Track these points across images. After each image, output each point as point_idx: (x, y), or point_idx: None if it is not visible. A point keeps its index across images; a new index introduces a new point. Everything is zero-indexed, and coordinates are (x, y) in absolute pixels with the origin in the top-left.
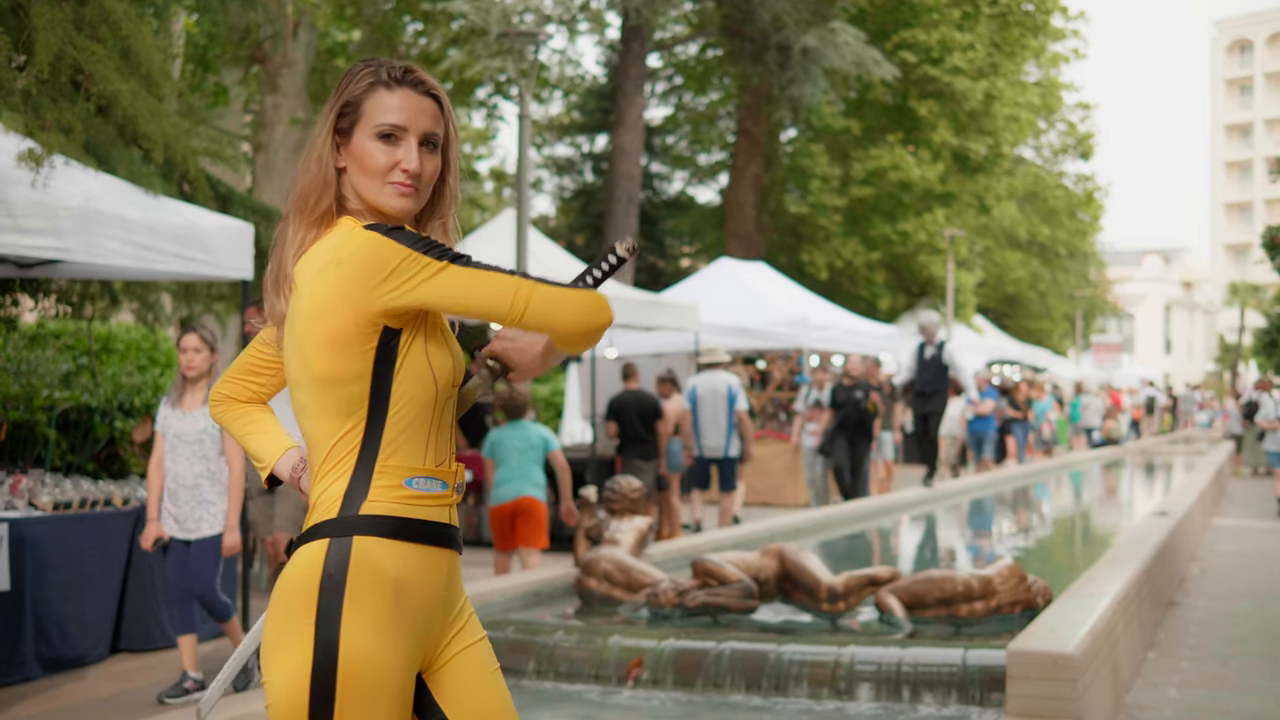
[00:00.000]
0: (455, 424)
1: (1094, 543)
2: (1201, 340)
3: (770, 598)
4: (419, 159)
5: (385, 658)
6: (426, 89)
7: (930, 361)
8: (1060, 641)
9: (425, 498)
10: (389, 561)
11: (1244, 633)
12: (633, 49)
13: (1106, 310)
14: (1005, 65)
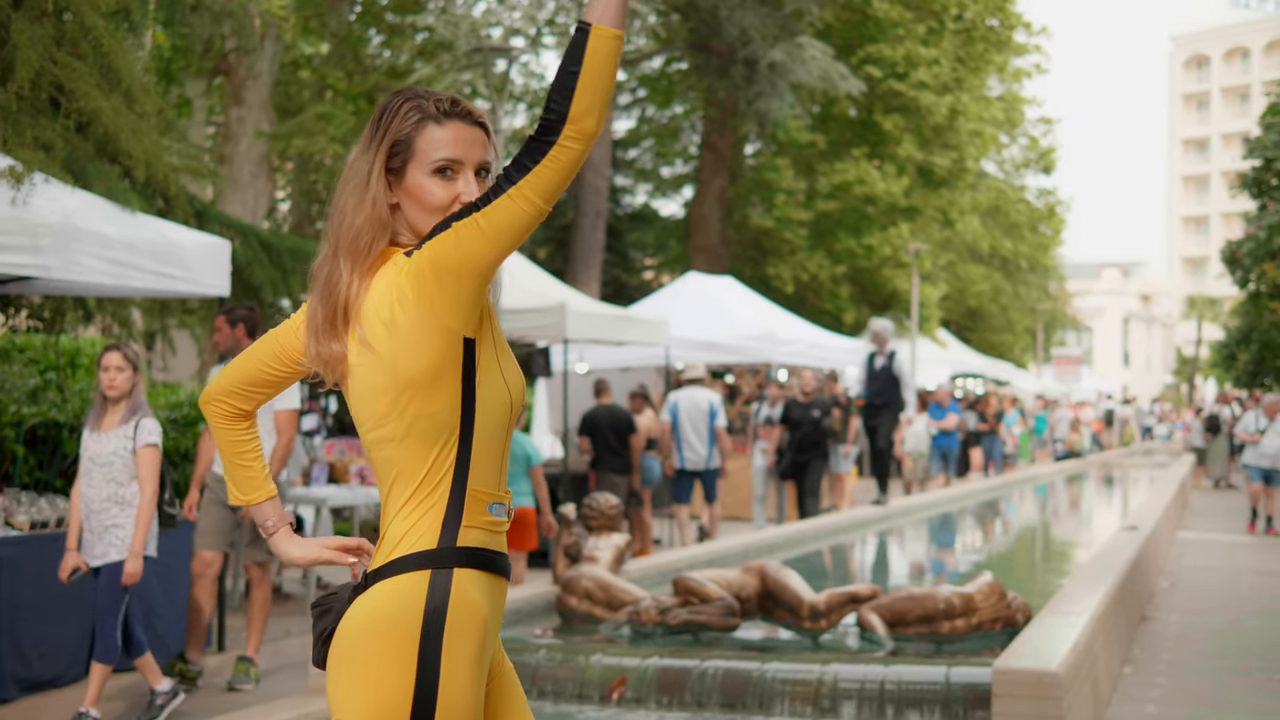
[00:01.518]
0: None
1: (1065, 557)
2: (1159, 353)
3: (751, 615)
4: (477, 190)
5: (477, 698)
6: (475, 119)
7: (880, 372)
8: (1045, 659)
9: (499, 525)
10: (483, 598)
11: (1218, 648)
12: None
13: (1066, 323)
14: (969, 80)
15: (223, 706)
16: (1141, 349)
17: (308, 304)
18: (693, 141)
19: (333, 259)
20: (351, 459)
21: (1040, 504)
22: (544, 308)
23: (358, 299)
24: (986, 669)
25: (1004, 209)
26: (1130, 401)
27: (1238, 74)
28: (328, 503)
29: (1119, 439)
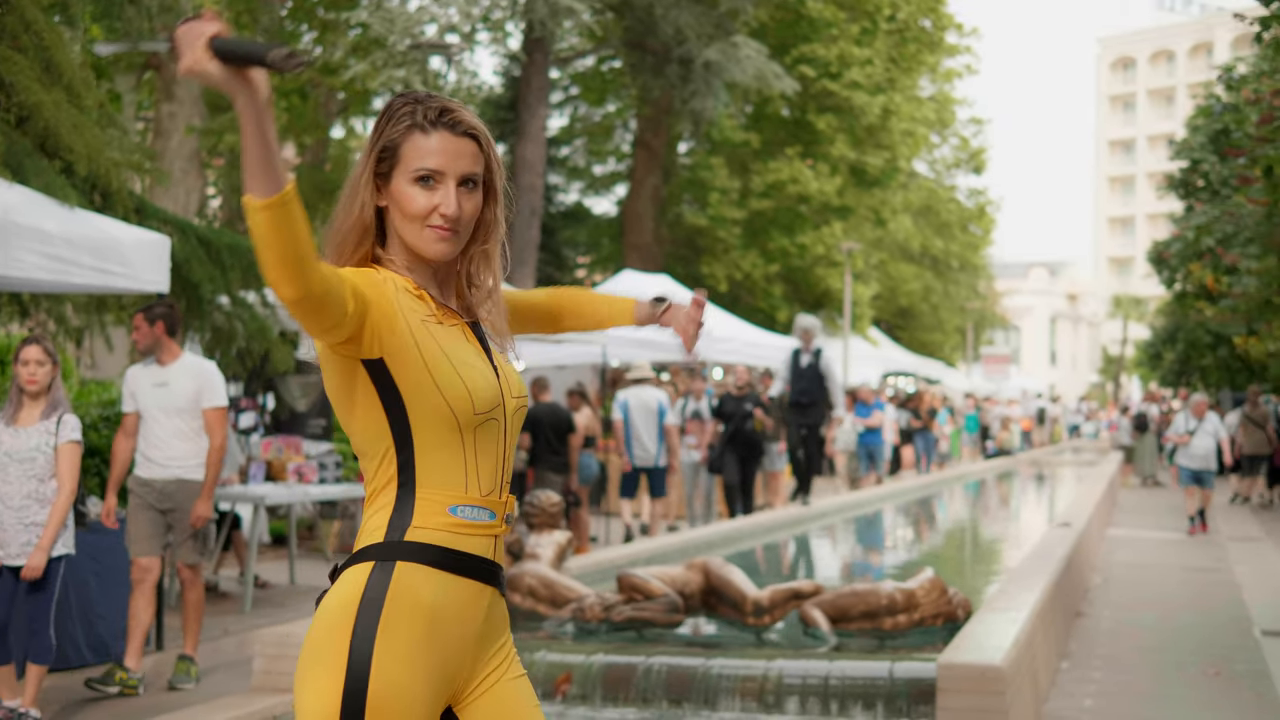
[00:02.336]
0: (507, 453)
1: (1000, 553)
2: (1085, 352)
3: (695, 612)
4: (456, 202)
5: (414, 687)
6: (464, 129)
7: (807, 370)
8: (988, 654)
9: (470, 527)
10: (427, 590)
11: (1152, 643)
12: (535, 60)
13: (995, 322)
14: (902, 80)
15: (165, 706)
16: (1068, 348)
17: None
18: (625, 140)
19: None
20: (289, 457)
21: (974, 501)
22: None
23: None
24: (930, 664)
25: (935, 209)
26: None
27: (1163, 76)
28: (265, 500)
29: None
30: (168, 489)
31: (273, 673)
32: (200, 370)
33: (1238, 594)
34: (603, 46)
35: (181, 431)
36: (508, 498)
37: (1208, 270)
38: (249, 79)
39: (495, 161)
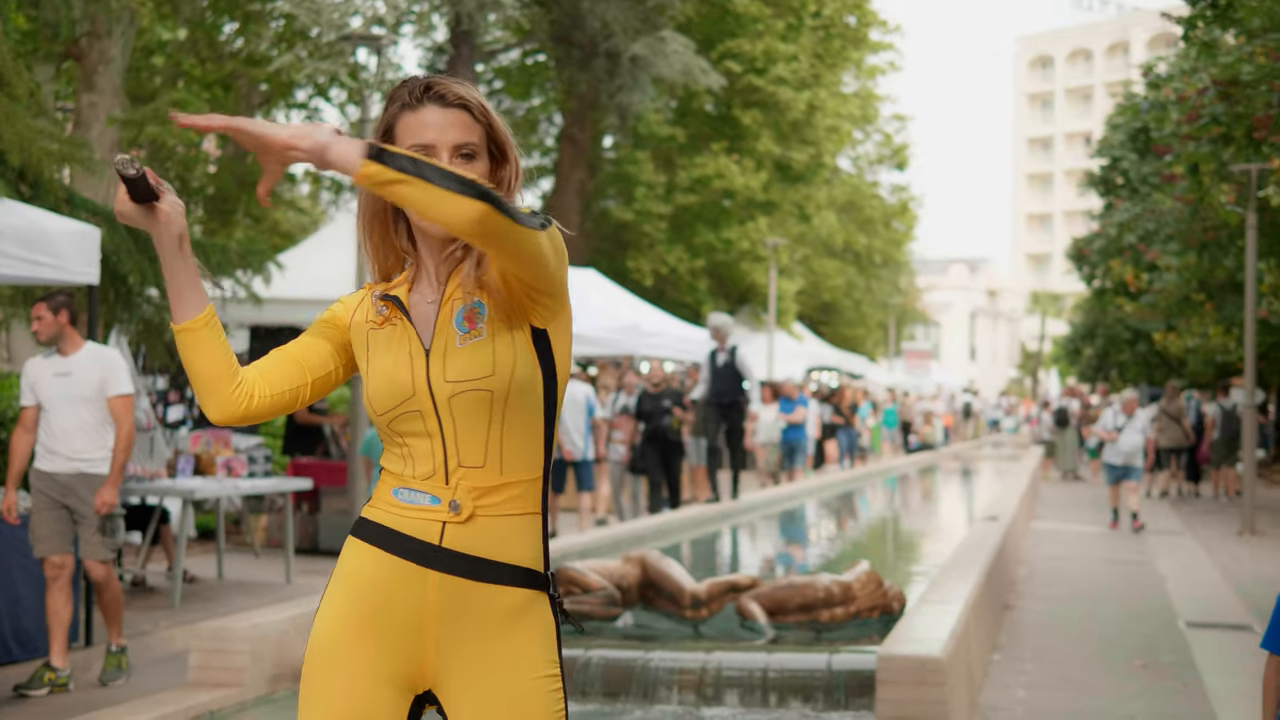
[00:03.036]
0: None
1: (927, 547)
2: (1004, 347)
3: (632, 605)
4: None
5: (340, 633)
6: (451, 100)
7: (724, 369)
8: (927, 646)
9: (408, 509)
10: (356, 560)
11: (1080, 634)
12: (462, 54)
13: (916, 318)
14: (827, 76)
15: (99, 702)
16: (987, 343)
17: None
18: (550, 134)
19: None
20: (218, 450)
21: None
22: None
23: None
24: (868, 656)
25: (858, 204)
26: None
27: (1081, 75)
28: (194, 495)
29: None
30: (70, 483)
31: (209, 667)
32: (104, 358)
33: (1161, 586)
34: (528, 40)
35: (85, 423)
36: (460, 485)
37: (1128, 267)
38: (154, 213)
39: (498, 127)
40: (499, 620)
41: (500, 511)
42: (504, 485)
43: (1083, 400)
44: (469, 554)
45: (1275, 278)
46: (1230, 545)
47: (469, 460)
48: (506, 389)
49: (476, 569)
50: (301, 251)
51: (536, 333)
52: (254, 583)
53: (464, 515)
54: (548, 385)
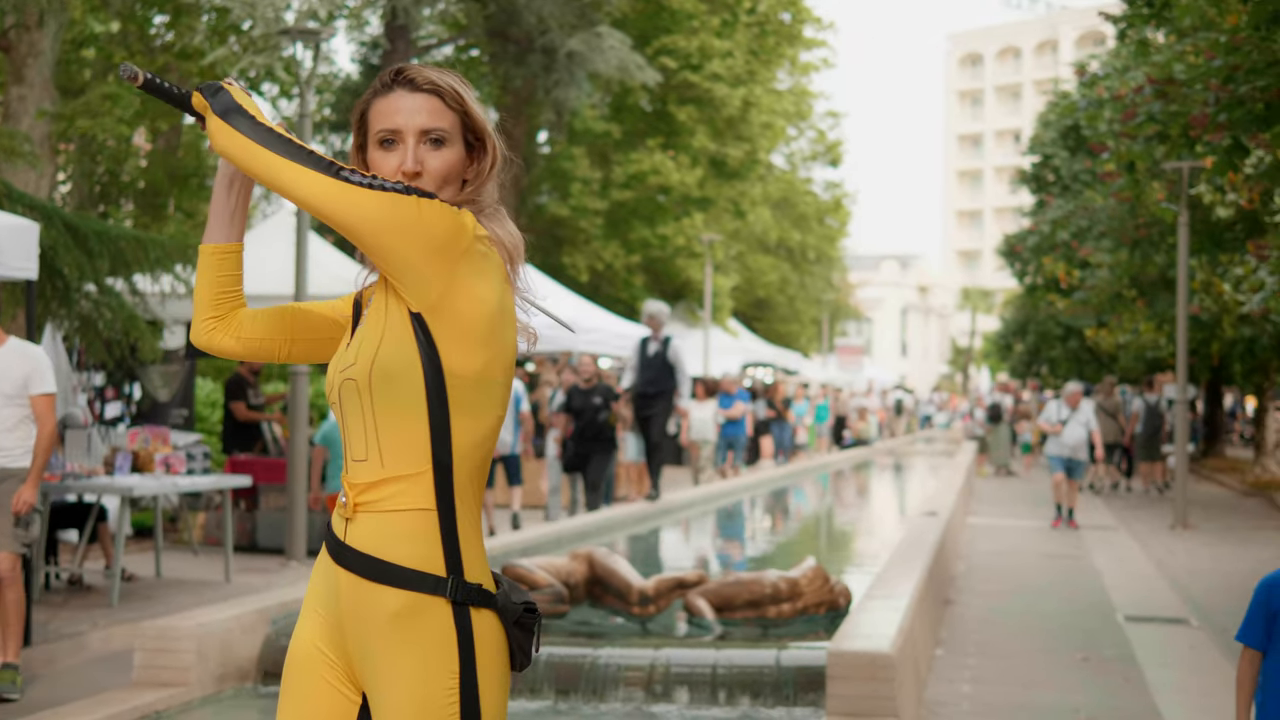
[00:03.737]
0: (351, 430)
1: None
2: (935, 343)
3: (579, 602)
4: (415, 158)
5: (297, 648)
6: (421, 84)
7: (654, 359)
8: (876, 641)
9: (341, 508)
10: (318, 571)
11: (1021, 629)
12: (398, 48)
13: (849, 314)
14: (762, 73)
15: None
16: (918, 339)
17: None
18: None
19: None
20: (156, 447)
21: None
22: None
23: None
24: (817, 652)
25: (792, 201)
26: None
27: (1010, 72)
28: (133, 492)
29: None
30: None
31: (154, 667)
32: (28, 354)
33: (1098, 580)
34: (463, 35)
35: (4, 420)
36: (349, 479)
37: (1060, 263)
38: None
39: (474, 114)
40: (388, 623)
41: (384, 508)
42: (386, 480)
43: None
44: (361, 551)
45: (1206, 274)
46: (1163, 539)
47: (355, 454)
48: (368, 377)
49: (367, 567)
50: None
51: (414, 317)
52: (193, 581)
53: (349, 510)
54: (430, 374)
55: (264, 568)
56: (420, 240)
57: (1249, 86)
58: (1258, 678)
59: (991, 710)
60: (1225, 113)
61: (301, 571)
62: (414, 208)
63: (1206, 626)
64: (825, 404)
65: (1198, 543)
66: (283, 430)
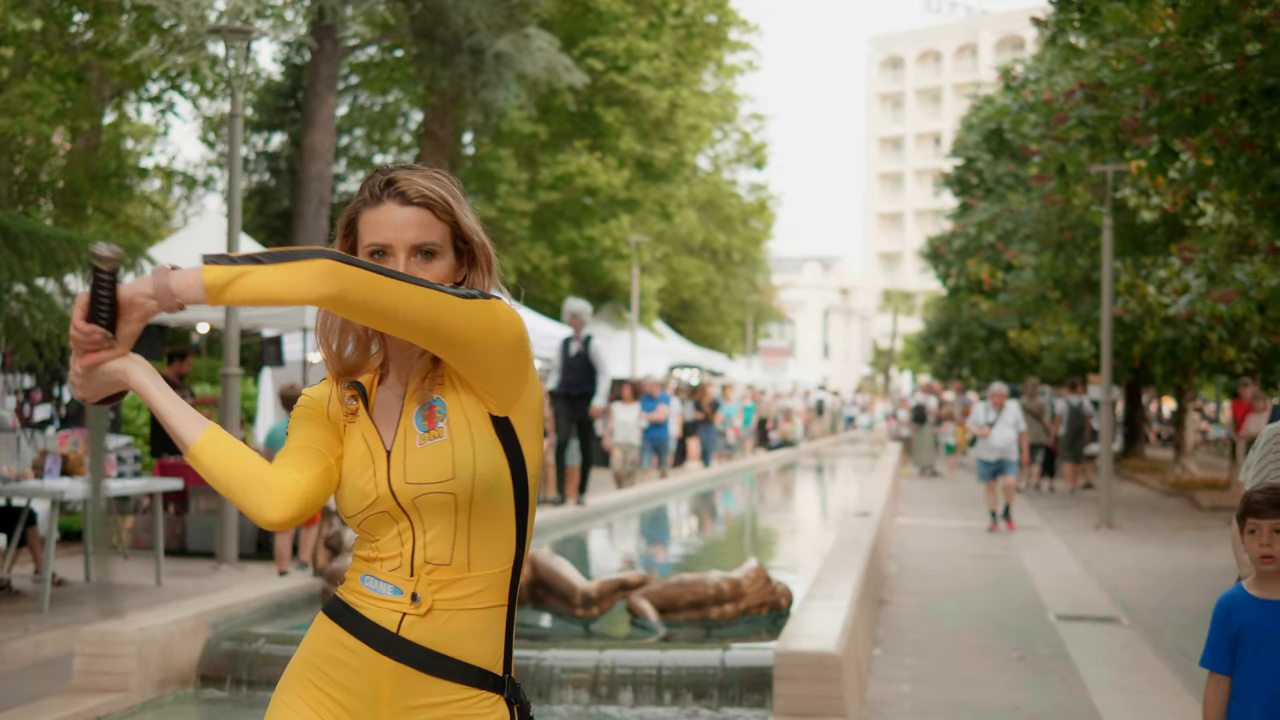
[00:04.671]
0: (418, 537)
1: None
2: (857, 345)
3: (522, 604)
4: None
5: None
6: (413, 197)
7: (575, 359)
8: (823, 641)
9: (370, 597)
10: (321, 636)
11: (956, 628)
12: (325, 48)
13: (772, 316)
14: (688, 75)
15: None
16: (840, 341)
17: None
18: (408, 130)
19: None
20: (86, 450)
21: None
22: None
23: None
24: (761, 652)
25: (718, 203)
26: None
27: (930, 76)
28: (64, 496)
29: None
30: None
31: (94, 672)
32: None
33: (1028, 580)
34: (388, 35)
35: None
36: (423, 578)
37: (985, 266)
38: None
39: (464, 223)
40: (449, 713)
41: (461, 606)
42: (469, 579)
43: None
44: (424, 646)
45: (1130, 277)
46: (1089, 539)
47: (435, 557)
48: (470, 491)
49: (429, 662)
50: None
51: (497, 421)
52: (123, 585)
53: (423, 608)
54: (516, 475)
55: (195, 571)
56: (503, 342)
57: (1179, 91)
58: (1227, 704)
59: (932, 709)
60: (1156, 117)
61: (233, 575)
62: (490, 311)
63: (1137, 625)
64: (751, 406)
65: (1122, 542)
66: None
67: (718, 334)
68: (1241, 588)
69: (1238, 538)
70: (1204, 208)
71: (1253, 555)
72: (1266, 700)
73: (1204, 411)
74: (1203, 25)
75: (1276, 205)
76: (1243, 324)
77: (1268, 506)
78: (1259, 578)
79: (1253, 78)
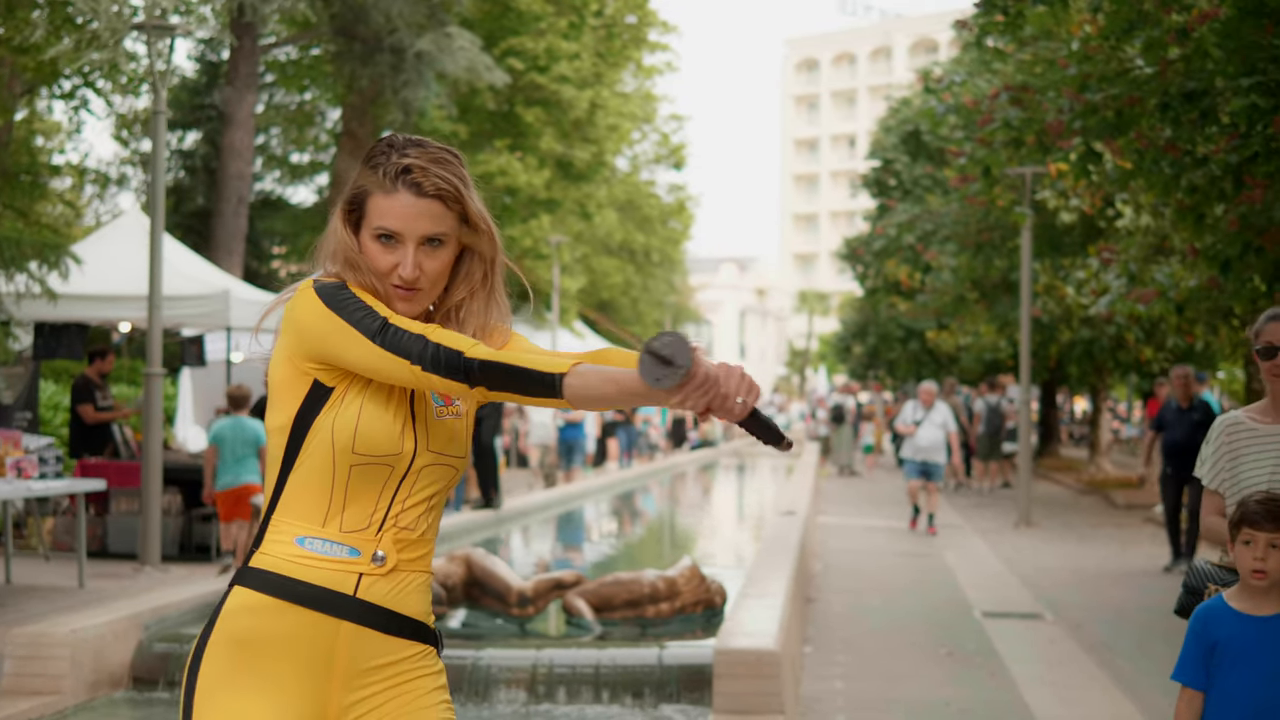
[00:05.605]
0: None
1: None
2: (773, 345)
3: (457, 604)
4: (414, 264)
5: (234, 702)
6: (425, 190)
7: None
8: (762, 639)
9: (316, 559)
10: (247, 615)
11: (883, 626)
12: (244, 46)
13: (690, 316)
14: (609, 75)
15: None
16: (756, 341)
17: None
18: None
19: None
20: (7, 451)
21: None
22: (206, 295)
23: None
24: (699, 650)
25: (637, 203)
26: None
27: (845, 78)
28: None
29: None
30: None
31: (25, 674)
32: None
33: (952, 578)
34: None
35: None
36: (384, 537)
37: (903, 266)
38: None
39: (474, 214)
40: (403, 669)
41: (415, 567)
42: (423, 542)
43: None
44: (382, 606)
45: (1049, 278)
46: (1009, 537)
47: (405, 521)
48: (462, 471)
49: (387, 622)
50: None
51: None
52: (44, 587)
53: (387, 567)
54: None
55: (117, 573)
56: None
57: (1102, 95)
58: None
59: (865, 705)
60: (1079, 120)
61: (156, 577)
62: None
63: (1061, 622)
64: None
65: (1041, 540)
66: (134, 433)
67: (637, 334)
68: (1222, 600)
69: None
70: (1122, 209)
71: (1244, 567)
72: (1244, 716)
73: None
74: (1126, 29)
75: (1197, 207)
76: (1159, 324)
77: (1266, 518)
78: (1244, 591)
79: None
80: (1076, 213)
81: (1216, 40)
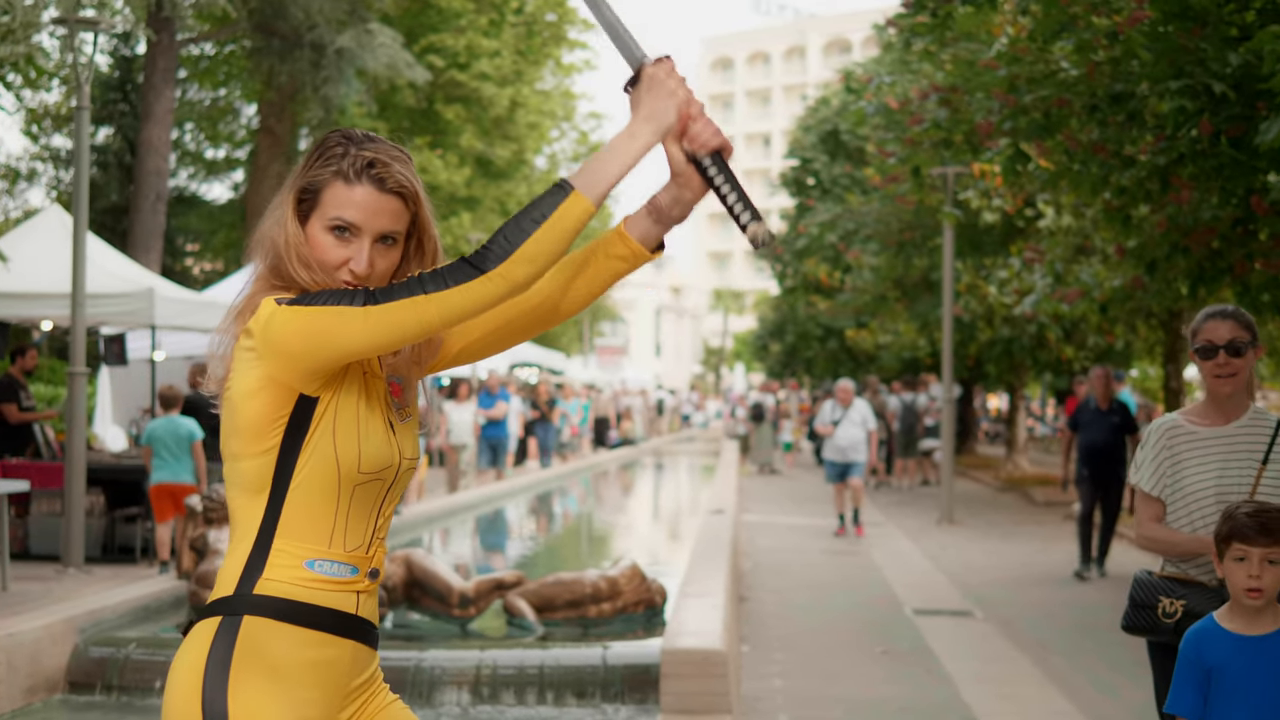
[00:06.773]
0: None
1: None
2: (688, 343)
3: (397, 605)
4: (368, 261)
5: None
6: (390, 185)
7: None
8: (707, 639)
9: (327, 582)
10: (275, 644)
11: (816, 623)
12: (162, 41)
13: (607, 315)
14: (529, 73)
15: None
16: (672, 339)
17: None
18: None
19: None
20: None
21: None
22: (130, 292)
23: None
24: (643, 650)
25: None
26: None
27: (760, 77)
28: None
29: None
30: None
31: None
32: None
33: (880, 575)
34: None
35: None
36: (375, 552)
37: (823, 266)
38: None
39: (426, 216)
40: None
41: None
42: (384, 547)
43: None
44: (369, 620)
45: (971, 277)
46: (933, 534)
47: (383, 533)
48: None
49: (371, 636)
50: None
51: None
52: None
53: (376, 582)
54: None
55: (40, 575)
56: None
57: (1031, 96)
58: None
59: (805, 703)
60: (1009, 121)
61: (80, 579)
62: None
63: (990, 618)
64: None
65: (964, 538)
66: (56, 433)
67: (555, 333)
68: (1213, 620)
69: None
70: (1043, 210)
71: (1237, 585)
72: None
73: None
74: (1056, 32)
75: (1124, 208)
76: (1080, 323)
77: (1259, 532)
78: (1236, 610)
79: (1102, 83)
80: (999, 212)
81: (1144, 43)
